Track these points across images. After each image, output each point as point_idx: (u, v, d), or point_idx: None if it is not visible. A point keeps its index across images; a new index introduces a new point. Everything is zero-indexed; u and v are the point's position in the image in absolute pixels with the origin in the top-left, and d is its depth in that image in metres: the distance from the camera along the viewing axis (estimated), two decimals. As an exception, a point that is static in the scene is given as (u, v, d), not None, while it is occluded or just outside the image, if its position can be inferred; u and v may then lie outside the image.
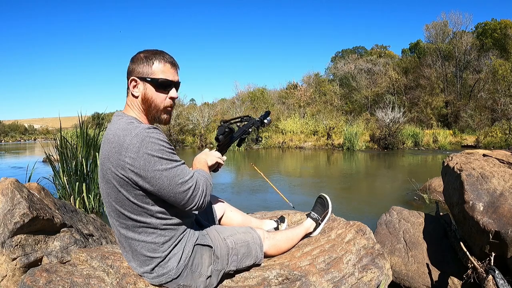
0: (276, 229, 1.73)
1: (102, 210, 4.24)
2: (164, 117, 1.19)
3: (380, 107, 17.76)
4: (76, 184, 4.07)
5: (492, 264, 1.71)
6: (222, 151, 1.49)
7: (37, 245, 1.81)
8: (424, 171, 8.19)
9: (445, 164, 2.45)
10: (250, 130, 1.59)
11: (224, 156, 1.50)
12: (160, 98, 1.16)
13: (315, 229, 1.69)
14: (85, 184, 4.14)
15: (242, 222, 1.64)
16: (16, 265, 1.69)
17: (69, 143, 4.37)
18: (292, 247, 1.57)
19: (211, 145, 19.17)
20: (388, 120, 15.91)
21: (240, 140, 1.57)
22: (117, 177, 1.06)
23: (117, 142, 1.04)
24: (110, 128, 1.11)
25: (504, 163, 2.20)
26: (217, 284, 1.26)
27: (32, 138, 53.76)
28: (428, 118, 24.72)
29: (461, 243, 1.95)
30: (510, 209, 1.71)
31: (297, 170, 9.41)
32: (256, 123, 1.61)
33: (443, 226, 2.38)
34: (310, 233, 1.69)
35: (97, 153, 4.40)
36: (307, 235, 1.68)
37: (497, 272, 1.63)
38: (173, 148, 1.10)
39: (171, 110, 1.21)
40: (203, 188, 1.15)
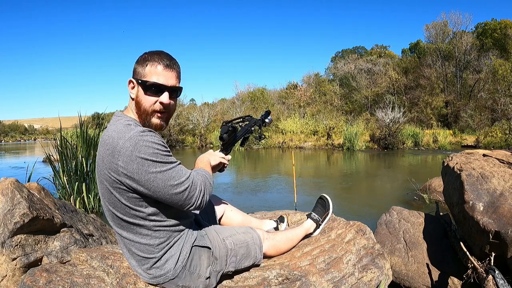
0: (276, 229, 1.73)
1: (102, 210, 4.23)
2: (155, 122, 1.14)
3: (380, 107, 17.75)
4: (76, 184, 4.07)
5: (492, 264, 1.71)
6: (227, 150, 1.50)
7: (37, 245, 1.81)
8: (424, 171, 8.19)
9: (445, 164, 2.45)
10: (253, 129, 1.60)
11: (229, 155, 1.50)
12: (149, 102, 1.12)
13: (315, 230, 1.69)
14: (85, 184, 4.14)
15: (242, 222, 1.63)
16: (16, 265, 1.69)
17: (69, 143, 4.37)
18: (292, 248, 1.56)
19: (211, 145, 19.16)
20: (388, 120, 15.90)
21: (244, 139, 1.58)
22: (110, 180, 1.05)
23: (111, 145, 1.04)
24: (108, 129, 1.10)
25: (504, 163, 2.20)
26: (217, 285, 1.26)
27: (32, 138, 53.72)
28: (428, 118, 24.73)
29: (461, 243, 1.95)
30: (510, 209, 1.71)
31: (297, 170, 9.40)
32: (258, 122, 1.62)
33: (443, 226, 2.38)
34: (310, 234, 1.69)
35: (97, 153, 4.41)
36: (307, 236, 1.68)
37: (497, 272, 1.63)
38: (169, 150, 1.08)
39: (164, 116, 1.16)
40: (201, 188, 1.13)
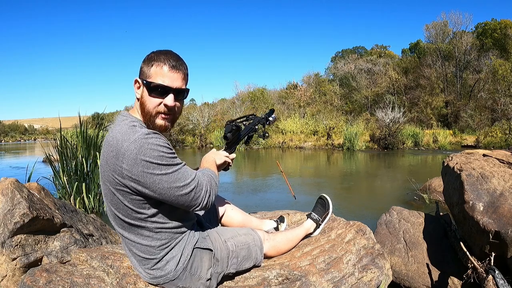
0: (276, 229, 1.73)
1: (102, 210, 4.24)
2: (159, 124, 1.12)
3: (380, 107, 17.75)
4: (76, 184, 4.07)
5: (492, 264, 1.71)
6: (231, 149, 1.51)
7: (37, 245, 1.81)
8: (424, 171, 8.19)
9: (445, 164, 2.45)
10: (257, 128, 1.60)
11: (234, 154, 1.51)
12: (153, 104, 1.09)
13: (315, 230, 1.70)
14: (85, 184, 4.14)
15: (243, 221, 1.64)
16: (16, 265, 1.69)
17: (69, 143, 4.36)
18: (292, 248, 1.57)
19: (211, 145, 19.16)
20: (388, 120, 15.90)
21: (248, 138, 1.59)
22: (114, 182, 1.05)
23: (115, 146, 1.02)
24: (112, 130, 1.08)
25: (504, 163, 2.20)
26: (217, 285, 1.26)
27: (32, 138, 53.70)
28: (428, 118, 24.72)
29: (461, 243, 1.95)
30: (510, 209, 1.71)
31: (297, 170, 9.40)
32: (262, 121, 1.63)
33: (443, 226, 2.38)
34: (310, 234, 1.69)
35: (97, 153, 4.41)
36: (307, 236, 1.68)
37: (497, 272, 1.63)
38: (174, 152, 1.07)
39: (168, 118, 1.13)
40: (206, 189, 1.13)
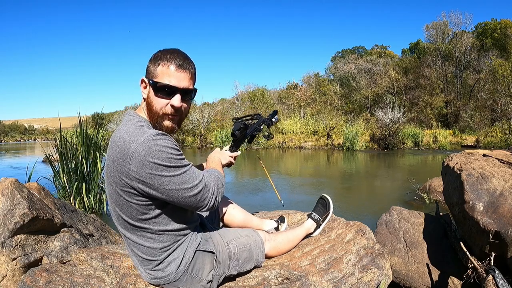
0: (276, 229, 1.74)
1: (102, 210, 4.24)
2: (166, 125, 1.10)
3: (380, 107, 17.74)
4: (76, 184, 4.07)
5: (492, 264, 1.71)
6: (237, 147, 1.52)
7: (37, 245, 1.81)
8: (424, 171, 8.18)
9: (445, 164, 2.45)
10: (261, 128, 1.62)
11: (239, 152, 1.52)
12: (159, 104, 1.08)
13: (316, 230, 1.70)
14: (85, 184, 4.14)
15: (244, 220, 1.64)
16: (16, 265, 1.69)
17: (69, 143, 4.36)
18: (293, 248, 1.57)
19: (211, 145, 19.15)
20: (388, 120, 15.89)
21: (251, 137, 1.60)
22: (120, 183, 1.04)
23: (122, 147, 1.01)
24: (119, 130, 1.07)
25: (504, 163, 2.20)
26: (217, 287, 1.26)
27: (32, 138, 53.69)
28: (428, 118, 24.73)
29: (461, 243, 1.95)
30: (510, 209, 1.71)
31: (297, 170, 9.40)
32: (266, 121, 1.64)
33: (443, 226, 2.38)
34: (311, 234, 1.69)
35: (97, 153, 4.41)
36: (307, 236, 1.69)
37: (497, 272, 1.63)
38: (181, 153, 1.06)
39: (175, 119, 1.12)
40: (213, 189, 1.13)
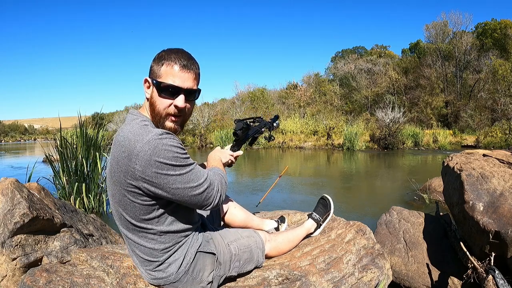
0: (277, 229, 1.74)
1: (102, 210, 4.24)
2: (168, 126, 1.10)
3: (380, 107, 17.73)
4: (76, 184, 4.07)
5: (492, 264, 1.71)
6: (238, 146, 1.53)
7: (37, 245, 1.81)
8: (424, 171, 8.18)
9: (445, 164, 2.45)
10: (263, 130, 1.63)
11: (240, 151, 1.53)
12: (163, 104, 1.07)
13: (316, 230, 1.70)
14: (85, 184, 4.14)
15: (245, 220, 1.64)
16: (16, 265, 1.69)
17: (69, 143, 4.36)
18: (293, 248, 1.57)
19: (211, 145, 19.16)
20: (388, 120, 15.89)
21: (253, 139, 1.61)
22: (125, 183, 1.03)
23: (127, 147, 1.00)
24: (123, 129, 1.06)
25: (504, 163, 2.20)
26: (218, 287, 1.26)
27: (32, 138, 53.76)
28: (428, 118, 24.72)
29: (461, 243, 1.95)
30: (510, 209, 1.71)
31: (297, 170, 9.40)
32: (268, 124, 1.66)
33: (443, 226, 2.38)
34: (311, 234, 1.69)
35: (97, 153, 4.41)
36: (308, 236, 1.69)
37: (497, 272, 1.63)
38: (186, 152, 1.05)
39: (178, 120, 1.11)
40: (218, 188, 1.14)
